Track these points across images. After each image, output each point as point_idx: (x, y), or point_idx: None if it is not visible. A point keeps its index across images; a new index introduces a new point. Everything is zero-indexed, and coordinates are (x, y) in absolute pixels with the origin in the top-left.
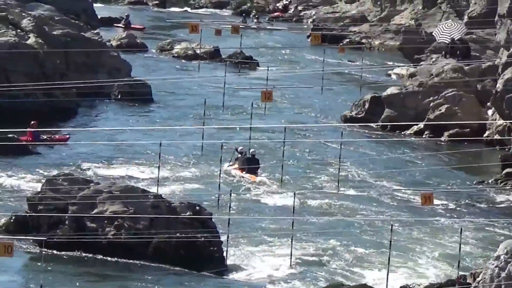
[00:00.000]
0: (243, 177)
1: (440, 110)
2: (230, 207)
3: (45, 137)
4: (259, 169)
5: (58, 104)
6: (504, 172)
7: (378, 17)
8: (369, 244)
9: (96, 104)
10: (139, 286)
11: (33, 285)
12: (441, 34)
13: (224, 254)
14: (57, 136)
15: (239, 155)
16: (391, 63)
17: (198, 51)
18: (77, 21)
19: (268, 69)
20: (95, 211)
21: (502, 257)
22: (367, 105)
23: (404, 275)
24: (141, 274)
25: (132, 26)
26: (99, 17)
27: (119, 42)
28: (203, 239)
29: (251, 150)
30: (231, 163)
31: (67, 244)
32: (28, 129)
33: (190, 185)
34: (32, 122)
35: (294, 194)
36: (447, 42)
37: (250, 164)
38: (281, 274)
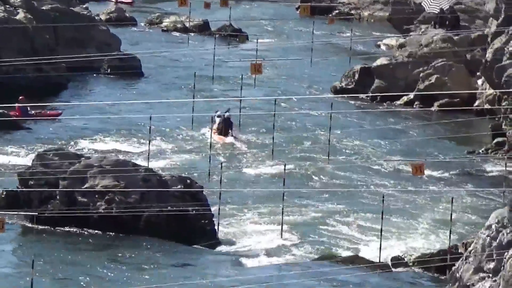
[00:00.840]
0: (214, 139)
1: (430, 80)
2: (221, 179)
3: (33, 112)
4: (231, 130)
5: (49, 79)
6: (494, 141)
7: None
8: (361, 215)
9: (86, 78)
10: (131, 259)
11: (25, 260)
12: (430, 4)
13: (216, 227)
14: (48, 111)
15: (217, 119)
16: (380, 34)
17: (187, 25)
18: None
19: (257, 42)
20: (86, 185)
21: (493, 226)
22: (356, 76)
23: (396, 245)
24: (132, 247)
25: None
26: None
27: (108, 16)
28: (194, 212)
29: (226, 113)
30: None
31: (58, 218)
32: (16, 104)
33: (181, 158)
34: (20, 97)
35: (285, 165)
36: (436, 12)
37: (221, 127)
38: (272, 246)
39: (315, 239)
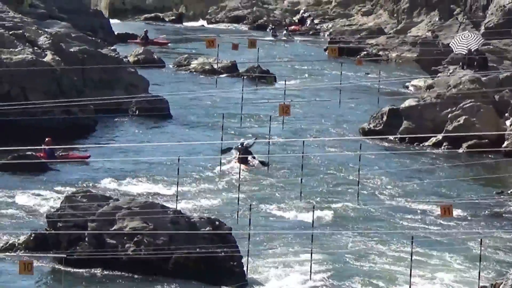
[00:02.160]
0: (232, 167)
1: (458, 121)
2: (250, 221)
3: (61, 153)
4: (249, 159)
5: (76, 121)
6: None
7: (394, 29)
8: (390, 257)
9: (114, 120)
10: None
11: None
12: (458, 45)
13: (245, 268)
14: (76, 154)
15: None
16: (408, 75)
17: (215, 66)
18: (93, 38)
19: (285, 83)
20: (114, 227)
21: None
22: (385, 118)
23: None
24: None
25: (155, 40)
26: (115, 33)
27: (136, 58)
28: (223, 254)
29: (245, 142)
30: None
31: (87, 261)
32: (42, 147)
33: (209, 200)
34: (47, 139)
35: (313, 207)
36: (464, 53)
37: (243, 155)
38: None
39: (344, 281)
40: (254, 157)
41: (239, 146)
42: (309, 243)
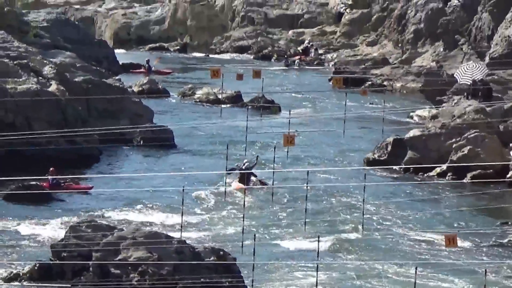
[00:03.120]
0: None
1: (463, 151)
2: (254, 251)
3: (64, 184)
4: (251, 178)
5: (80, 151)
6: None
7: (399, 59)
8: (394, 287)
9: (118, 150)
10: None
11: None
12: (463, 76)
13: None
14: (80, 185)
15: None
16: (413, 105)
17: (219, 96)
18: (98, 68)
19: (290, 113)
20: (119, 257)
21: None
22: (389, 148)
23: None
24: None
25: (158, 70)
26: (120, 63)
27: (140, 88)
28: (227, 284)
29: (247, 163)
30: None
31: None
32: (48, 177)
33: (213, 230)
34: (51, 169)
35: (318, 237)
36: (469, 83)
37: (243, 175)
38: None
39: None
40: (255, 176)
41: (242, 167)
42: (314, 272)
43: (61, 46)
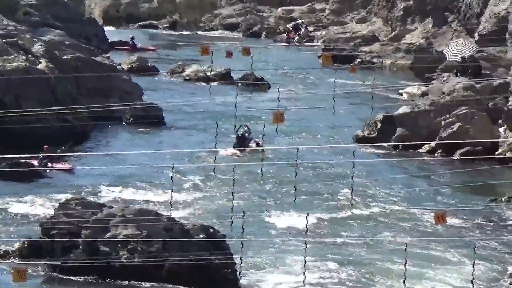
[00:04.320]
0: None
1: (452, 128)
2: (243, 228)
3: (51, 163)
4: (248, 142)
5: (70, 129)
6: None
7: (388, 36)
8: (383, 264)
9: (108, 128)
10: None
11: None
12: (452, 53)
13: (238, 276)
14: (62, 164)
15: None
16: (402, 82)
17: (209, 74)
18: (88, 46)
19: (279, 90)
20: (108, 235)
21: None
22: (379, 125)
23: None
24: None
25: (143, 47)
26: (110, 41)
27: (130, 66)
28: (216, 261)
29: (244, 129)
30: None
31: (81, 268)
32: (41, 154)
33: (203, 207)
34: (45, 147)
35: (307, 214)
36: (458, 60)
37: (240, 142)
38: None
39: None
40: (252, 140)
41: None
42: (302, 250)
43: (51, 24)
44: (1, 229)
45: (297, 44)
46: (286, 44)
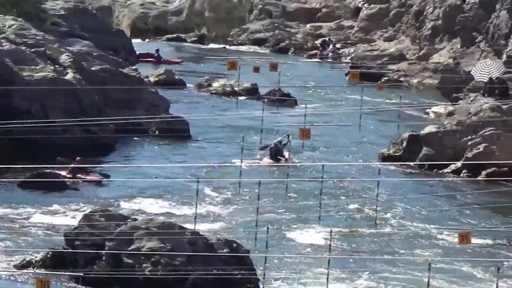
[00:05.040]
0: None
1: (478, 148)
2: (267, 244)
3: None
4: (281, 155)
5: (96, 140)
6: None
7: (416, 55)
8: (407, 283)
9: (133, 140)
10: None
11: None
12: (480, 73)
13: None
14: (92, 176)
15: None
16: (429, 101)
17: (236, 88)
18: (115, 57)
19: (306, 106)
20: (132, 247)
21: None
22: (405, 144)
23: None
24: None
25: (168, 59)
26: (137, 53)
27: (157, 78)
28: (240, 276)
29: (278, 139)
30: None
31: (104, 280)
32: (72, 165)
33: (227, 222)
34: (78, 158)
35: (331, 231)
36: (485, 81)
37: (275, 153)
38: None
39: None
40: (284, 157)
41: (272, 145)
42: (326, 267)
43: (79, 34)
44: (25, 239)
45: (329, 60)
46: (319, 60)
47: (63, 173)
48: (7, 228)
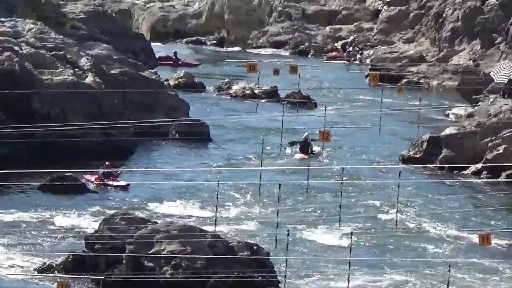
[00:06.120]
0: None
1: (498, 150)
2: (287, 246)
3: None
4: (311, 149)
5: (116, 143)
6: None
7: (436, 57)
8: (427, 284)
9: (153, 143)
10: None
11: None
12: (499, 75)
13: None
14: (116, 182)
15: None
16: (449, 103)
17: (256, 91)
18: (135, 60)
19: (325, 109)
20: (152, 250)
21: None
22: (425, 145)
23: None
24: None
25: (186, 62)
26: (157, 56)
27: (176, 82)
28: (260, 278)
29: (305, 134)
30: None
31: (124, 283)
32: (100, 169)
33: (247, 224)
34: (106, 163)
35: (351, 234)
36: (505, 82)
37: (303, 147)
38: None
39: None
40: (314, 151)
41: (301, 141)
42: (346, 269)
43: (98, 38)
44: (46, 242)
45: (357, 62)
46: (346, 62)
47: (92, 178)
48: (27, 231)
